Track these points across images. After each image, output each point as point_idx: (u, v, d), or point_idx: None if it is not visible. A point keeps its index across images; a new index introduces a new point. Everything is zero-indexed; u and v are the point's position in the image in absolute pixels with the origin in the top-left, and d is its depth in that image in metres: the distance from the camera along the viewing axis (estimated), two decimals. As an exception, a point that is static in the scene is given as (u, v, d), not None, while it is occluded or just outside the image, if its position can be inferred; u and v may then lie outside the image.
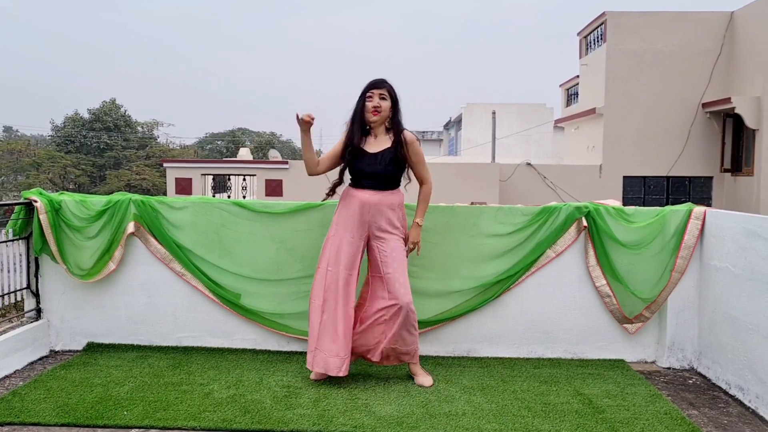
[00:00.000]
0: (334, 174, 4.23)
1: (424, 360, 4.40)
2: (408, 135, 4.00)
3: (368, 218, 3.96)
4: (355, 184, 4.03)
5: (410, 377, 4.11)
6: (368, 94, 3.95)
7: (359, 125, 3.98)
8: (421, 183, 4.10)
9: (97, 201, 4.56)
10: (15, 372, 4.16)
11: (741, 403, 3.82)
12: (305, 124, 3.90)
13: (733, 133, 16.90)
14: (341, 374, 3.87)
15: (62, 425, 3.36)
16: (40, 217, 4.37)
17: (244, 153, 24.82)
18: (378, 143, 4.01)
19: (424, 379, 4.02)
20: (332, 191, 4.23)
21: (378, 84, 3.96)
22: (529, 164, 17.98)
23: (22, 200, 4.48)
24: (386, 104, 3.95)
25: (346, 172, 4.12)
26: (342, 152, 4.04)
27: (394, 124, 4.01)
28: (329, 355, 3.89)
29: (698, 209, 4.39)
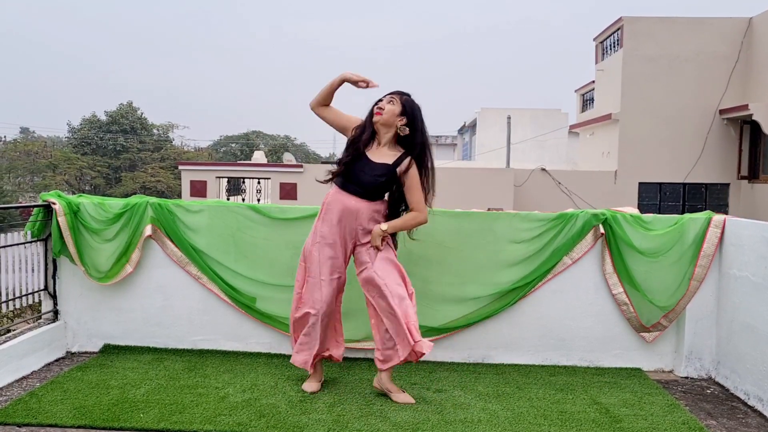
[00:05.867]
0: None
1: (440, 365, 4.39)
2: (413, 162, 3.82)
3: (353, 224, 3.84)
4: (342, 185, 3.87)
5: (425, 384, 4.09)
6: (381, 98, 3.87)
7: (370, 126, 3.87)
8: (411, 209, 3.87)
9: (115, 203, 4.59)
10: (32, 373, 4.19)
11: (760, 414, 3.78)
12: (352, 82, 3.81)
13: (751, 140, 16.76)
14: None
15: (79, 427, 3.37)
16: (59, 219, 4.40)
17: (259, 156, 24.92)
18: (380, 153, 3.84)
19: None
20: (332, 178, 4.01)
21: (394, 91, 3.88)
22: (543, 170, 17.92)
23: (40, 202, 4.51)
24: (391, 109, 3.78)
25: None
26: (347, 131, 3.93)
27: (409, 144, 3.84)
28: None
29: (718, 217, 4.35)
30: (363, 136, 3.85)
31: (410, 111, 3.82)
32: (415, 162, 3.84)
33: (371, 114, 3.85)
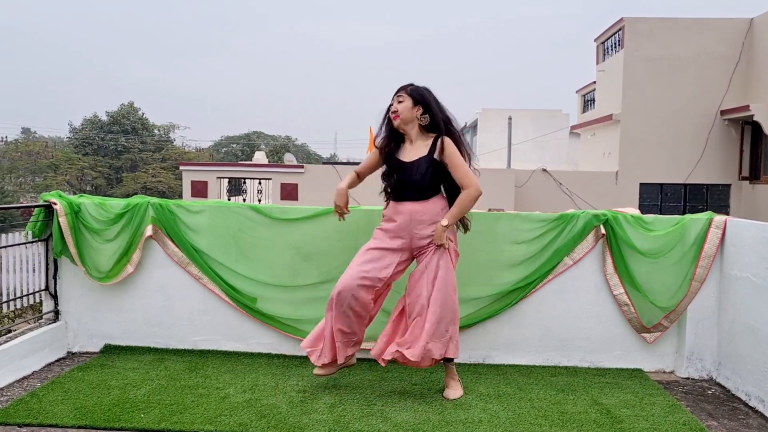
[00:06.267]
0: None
1: (440, 366, 4.38)
2: (445, 139, 3.81)
3: (411, 230, 3.83)
4: (395, 197, 3.89)
5: (426, 384, 4.09)
6: (390, 103, 3.89)
7: (388, 133, 3.89)
8: (462, 188, 3.81)
9: (116, 204, 4.59)
10: (33, 373, 4.19)
11: (761, 415, 3.77)
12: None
13: (752, 141, 16.75)
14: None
15: (80, 427, 3.37)
16: (60, 219, 4.40)
17: (260, 156, 24.93)
18: (414, 150, 3.85)
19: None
20: (387, 198, 4.03)
21: (399, 89, 3.89)
22: (544, 170, 17.92)
23: (41, 202, 4.51)
24: (404, 106, 3.80)
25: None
26: (378, 161, 3.95)
27: (432, 127, 3.85)
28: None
29: (719, 218, 4.34)
30: (391, 145, 3.88)
31: (420, 98, 3.84)
32: (447, 138, 3.84)
33: (389, 122, 3.87)
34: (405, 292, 3.91)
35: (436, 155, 3.80)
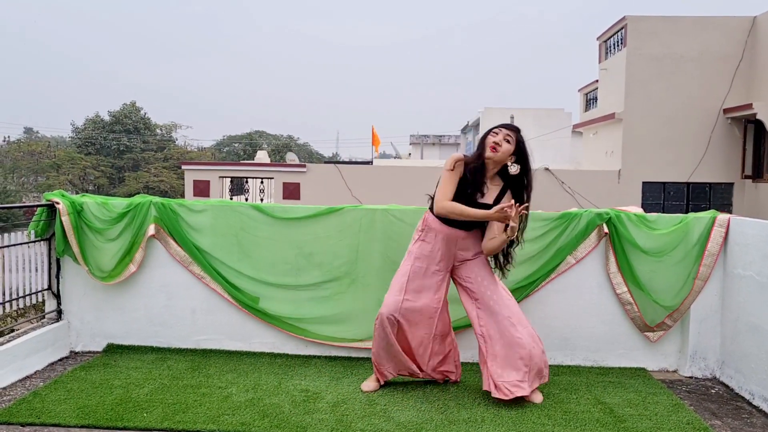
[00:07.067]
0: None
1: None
2: (509, 196, 3.81)
3: (454, 251, 3.86)
4: (446, 221, 3.80)
5: (428, 383, 4.08)
6: (495, 130, 3.79)
7: (479, 169, 3.76)
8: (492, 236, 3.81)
9: (119, 203, 4.59)
10: (36, 372, 4.19)
11: (765, 414, 3.76)
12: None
13: (755, 139, 16.70)
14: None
15: (82, 427, 3.37)
16: (63, 219, 4.41)
17: (262, 156, 24.92)
18: (488, 191, 3.82)
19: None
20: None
21: (509, 126, 3.80)
22: (547, 169, 17.88)
23: (44, 202, 4.51)
24: (508, 148, 3.73)
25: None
26: (458, 188, 3.77)
27: (511, 177, 3.81)
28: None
29: (722, 216, 4.33)
30: (477, 178, 3.76)
31: (523, 151, 3.81)
32: (515, 195, 3.82)
33: (483, 148, 3.75)
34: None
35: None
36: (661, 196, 17.44)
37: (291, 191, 18.14)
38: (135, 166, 45.74)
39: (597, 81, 21.38)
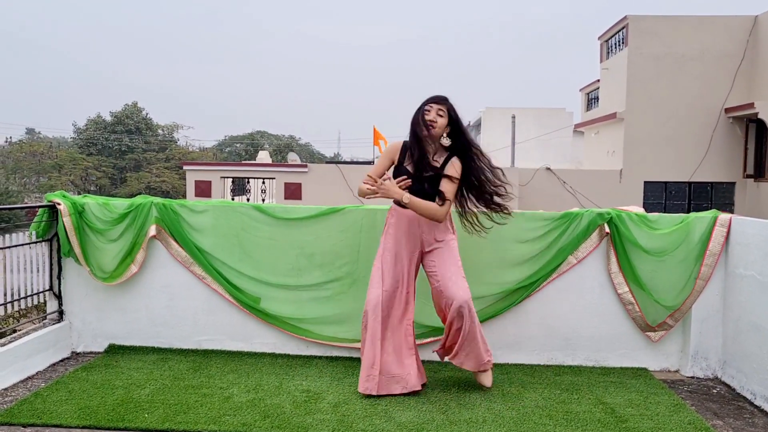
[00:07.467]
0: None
1: (444, 365, 4.37)
2: (455, 163, 3.84)
3: (419, 233, 3.90)
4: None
5: (429, 383, 4.08)
6: (426, 108, 3.82)
7: (416, 142, 3.81)
8: (437, 200, 3.82)
9: (120, 204, 4.59)
10: (37, 373, 4.19)
11: (767, 414, 3.76)
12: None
13: (756, 139, 16.71)
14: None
15: (84, 427, 3.37)
16: (64, 219, 4.41)
17: (263, 156, 24.93)
18: (437, 162, 3.85)
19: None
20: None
21: (438, 99, 3.83)
22: (548, 169, 17.89)
23: (45, 203, 4.52)
24: (442, 121, 3.79)
25: None
26: (388, 167, 3.93)
27: (456, 149, 3.86)
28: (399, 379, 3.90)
29: (723, 216, 4.32)
30: (421, 158, 3.81)
31: (455, 119, 3.85)
32: (461, 161, 3.86)
33: (425, 125, 3.78)
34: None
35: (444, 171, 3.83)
36: (663, 196, 17.45)
37: (292, 191, 18.15)
38: (137, 166, 45.78)
39: (598, 80, 21.40)
